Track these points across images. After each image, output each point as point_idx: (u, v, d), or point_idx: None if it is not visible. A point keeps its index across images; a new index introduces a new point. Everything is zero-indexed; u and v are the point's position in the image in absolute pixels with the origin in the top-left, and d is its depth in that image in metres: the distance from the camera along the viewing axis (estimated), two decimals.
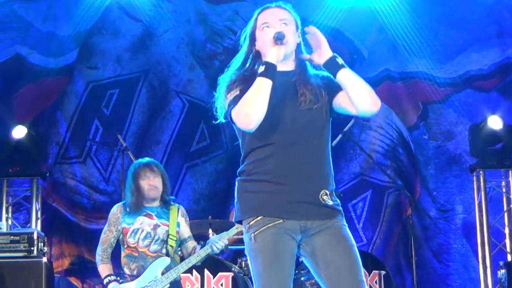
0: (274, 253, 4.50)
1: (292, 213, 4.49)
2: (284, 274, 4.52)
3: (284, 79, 4.63)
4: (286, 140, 4.54)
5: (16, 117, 10.67)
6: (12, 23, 10.97)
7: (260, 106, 4.43)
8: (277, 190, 4.50)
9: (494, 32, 11.00)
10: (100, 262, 6.94)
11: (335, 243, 4.54)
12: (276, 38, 4.49)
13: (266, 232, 4.49)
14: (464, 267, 10.62)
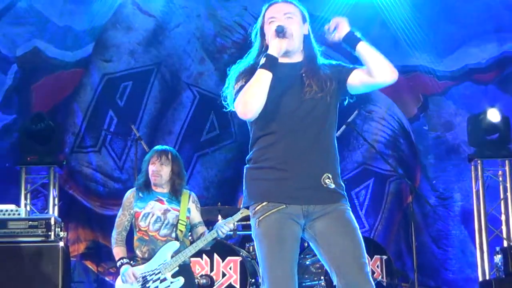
0: (278, 238, 4.52)
1: (294, 198, 4.51)
2: (288, 258, 4.54)
3: (292, 71, 4.66)
4: (288, 128, 4.56)
5: (34, 108, 10.70)
6: (30, 18, 10.99)
7: (258, 96, 4.47)
8: (281, 176, 4.52)
9: (492, 28, 11.00)
10: (115, 244, 6.97)
11: (339, 227, 4.55)
12: (277, 31, 4.50)
13: (271, 217, 4.51)
14: (462, 252, 10.63)
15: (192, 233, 7.03)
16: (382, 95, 11.00)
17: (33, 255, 8.69)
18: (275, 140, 4.57)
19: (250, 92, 4.48)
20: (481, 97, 10.76)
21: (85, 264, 10.59)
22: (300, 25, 4.73)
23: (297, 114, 4.58)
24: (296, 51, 4.71)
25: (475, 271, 10.24)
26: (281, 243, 4.53)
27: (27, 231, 8.80)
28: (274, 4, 4.79)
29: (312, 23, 4.89)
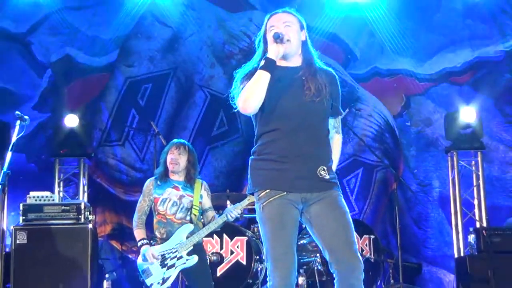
0: (280, 220, 4.56)
1: (294, 187, 4.54)
2: (288, 238, 4.57)
3: (292, 74, 4.67)
4: (289, 127, 4.58)
5: (66, 107, 10.69)
6: (63, 29, 10.99)
7: (257, 94, 4.50)
8: (282, 168, 4.55)
9: (466, 36, 10.97)
10: (136, 227, 6.98)
11: (331, 210, 4.58)
12: (274, 37, 4.53)
13: (273, 203, 4.54)
14: (440, 232, 10.62)
15: (203, 217, 7.03)
16: (370, 95, 11.00)
17: (65, 235, 8.71)
18: (278, 136, 4.59)
19: (249, 90, 4.52)
20: (456, 97, 10.74)
21: (111, 243, 10.60)
22: (297, 32, 4.75)
23: (297, 114, 4.59)
24: (295, 55, 4.73)
25: (451, 248, 10.23)
26: (282, 225, 4.57)
27: (60, 215, 8.81)
28: (275, 14, 4.81)
29: (308, 32, 4.87)
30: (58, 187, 10.24)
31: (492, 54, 10.99)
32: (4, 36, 10.92)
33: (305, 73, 4.69)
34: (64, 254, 8.63)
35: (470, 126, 10.15)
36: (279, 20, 4.75)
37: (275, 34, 4.55)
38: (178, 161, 6.94)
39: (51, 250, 8.64)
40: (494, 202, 10.54)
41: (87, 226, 8.78)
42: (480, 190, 10.31)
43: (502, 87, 10.94)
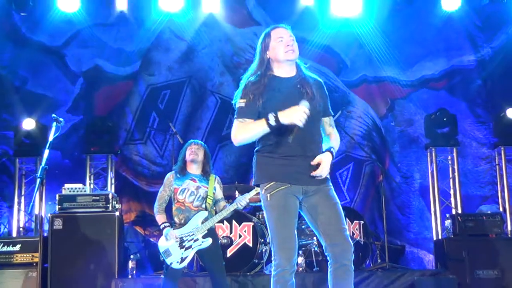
0: (284, 208, 4.61)
1: (297, 180, 4.59)
2: (290, 223, 4.62)
3: (288, 83, 4.69)
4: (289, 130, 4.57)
5: (96, 111, 10.71)
6: (92, 42, 10.99)
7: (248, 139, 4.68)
8: (285, 163, 4.61)
9: (442, 47, 10.96)
10: (157, 213, 6.98)
11: (325, 201, 4.66)
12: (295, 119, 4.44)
13: (279, 193, 4.59)
14: (420, 218, 10.61)
15: (215, 205, 7.04)
16: (359, 99, 11.00)
17: (95, 222, 8.75)
18: (280, 138, 4.62)
19: (245, 134, 4.67)
20: (434, 100, 10.75)
21: (135, 229, 10.60)
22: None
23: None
24: (292, 66, 4.75)
25: (431, 232, 10.24)
26: (286, 212, 4.62)
27: (91, 204, 8.84)
28: (280, 28, 4.80)
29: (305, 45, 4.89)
30: (89, 180, 10.25)
31: (465, 63, 10.99)
32: (42, 49, 10.93)
33: (300, 82, 4.71)
34: (94, 238, 8.65)
35: (446, 126, 10.17)
36: (286, 33, 4.76)
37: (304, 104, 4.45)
38: (197, 152, 7.00)
39: (83, 235, 8.66)
40: (467, 192, 10.55)
41: (114, 213, 8.81)
42: (456, 181, 10.32)
43: (474, 92, 10.95)
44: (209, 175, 7.05)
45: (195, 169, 7.03)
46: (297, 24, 10.48)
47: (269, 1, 10.98)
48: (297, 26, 10.53)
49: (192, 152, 6.98)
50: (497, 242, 8.80)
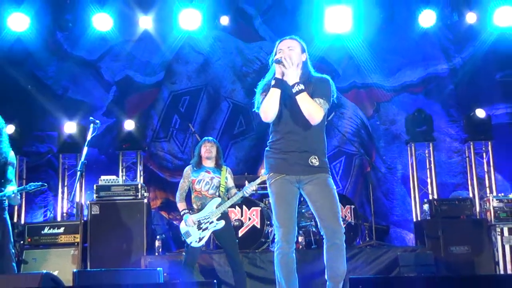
0: (281, 194, 4.72)
1: (291, 171, 4.68)
2: (286, 207, 4.75)
3: (290, 88, 4.68)
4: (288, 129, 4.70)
5: (127, 114, 10.73)
6: (123, 56, 11.03)
7: (272, 107, 4.64)
8: (283, 157, 4.71)
9: (420, 58, 10.95)
10: (179, 201, 7.02)
11: (320, 189, 4.71)
12: (275, 62, 4.66)
13: (276, 182, 4.71)
14: (402, 202, 10.61)
15: (228, 193, 7.06)
16: (350, 102, 10.99)
17: (127, 208, 8.79)
18: (281, 136, 4.73)
19: (266, 105, 4.65)
20: (413, 103, 10.75)
21: (160, 213, 10.64)
22: (298, 54, 4.80)
23: (294, 120, 4.70)
24: (297, 71, 4.75)
25: (411, 214, 10.22)
26: (283, 197, 4.72)
27: (123, 193, 8.87)
28: (283, 40, 4.86)
29: None
30: (121, 172, 10.29)
31: (439, 71, 10.97)
32: (81, 62, 10.97)
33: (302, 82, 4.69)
34: (126, 221, 8.69)
35: (424, 124, 10.17)
36: (285, 45, 4.80)
37: (275, 59, 4.67)
38: (211, 149, 7.04)
39: (116, 219, 8.70)
40: (442, 180, 10.53)
41: (143, 201, 8.85)
42: (432, 171, 10.31)
43: (447, 95, 10.93)
44: (221, 167, 7.09)
45: (209, 162, 7.07)
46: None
47: (272, 20, 10.98)
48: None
49: (206, 150, 7.03)
50: (467, 222, 8.82)
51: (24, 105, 10.63)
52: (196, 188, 6.97)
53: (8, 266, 6.28)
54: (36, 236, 8.73)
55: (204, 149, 7.06)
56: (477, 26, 10.07)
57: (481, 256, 8.60)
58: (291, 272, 4.67)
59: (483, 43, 10.52)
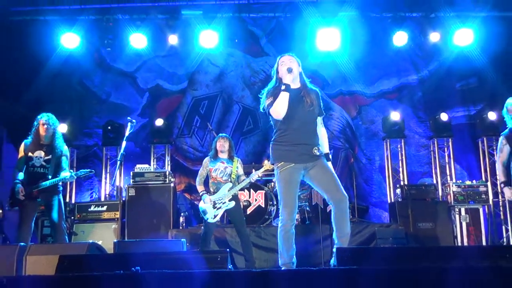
0: (289, 181, 4.73)
1: (298, 160, 4.71)
2: (292, 191, 4.78)
3: (296, 93, 4.80)
4: (295, 125, 4.74)
5: (157, 115, 10.75)
6: (154, 68, 11.04)
7: (283, 107, 4.66)
8: (291, 149, 4.73)
9: (394, 70, 10.92)
10: (198, 185, 7.04)
11: (322, 169, 4.81)
12: (288, 70, 4.70)
13: (286, 170, 4.71)
14: (379, 187, 10.59)
15: (238, 179, 7.07)
16: (337, 106, 10.95)
17: (157, 190, 8.82)
18: (289, 131, 4.76)
19: (279, 106, 4.67)
20: (389, 107, 10.72)
21: (184, 195, 10.65)
22: (297, 67, 4.88)
23: (300, 117, 4.75)
24: (296, 81, 4.83)
25: (386, 197, 10.23)
26: (290, 183, 4.73)
27: (154, 178, 8.90)
28: (284, 56, 4.92)
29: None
30: (153, 162, 10.30)
31: (410, 81, 10.94)
32: (121, 73, 10.99)
33: (303, 92, 4.82)
34: (156, 201, 8.72)
35: (397, 124, 10.15)
36: (287, 58, 4.87)
37: (288, 68, 4.72)
38: (225, 144, 7.05)
39: (148, 199, 8.73)
40: (411, 169, 10.51)
41: (170, 185, 8.87)
42: (403, 162, 10.29)
43: (416, 101, 10.89)
44: (233, 158, 7.10)
45: (223, 155, 7.08)
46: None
47: (275, 40, 10.95)
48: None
49: (221, 145, 7.05)
50: (431, 204, 8.81)
51: (76, 108, 10.69)
52: (212, 175, 6.98)
53: (61, 237, 6.35)
54: (84, 213, 8.77)
55: (219, 144, 7.08)
56: (441, 45, 10.03)
57: (442, 231, 8.59)
58: (291, 244, 4.72)
59: (445, 59, 10.51)
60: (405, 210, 8.57)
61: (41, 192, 6.29)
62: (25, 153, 6.36)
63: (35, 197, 6.28)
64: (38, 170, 6.34)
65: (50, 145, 6.42)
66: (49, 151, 6.39)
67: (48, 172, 6.32)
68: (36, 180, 6.29)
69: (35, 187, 6.26)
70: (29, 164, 6.34)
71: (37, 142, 6.39)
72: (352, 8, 9.53)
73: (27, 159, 6.34)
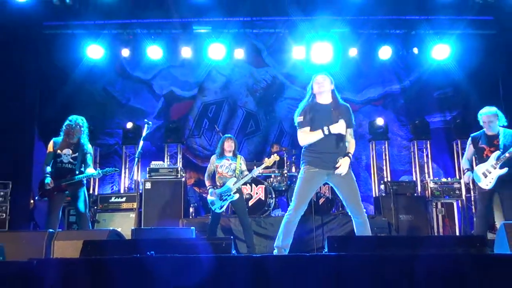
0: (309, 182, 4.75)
1: (323, 166, 4.70)
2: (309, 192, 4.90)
3: (326, 108, 4.78)
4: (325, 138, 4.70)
5: (171, 118, 10.75)
6: (169, 76, 11.04)
7: (311, 140, 4.70)
8: (317, 156, 4.72)
9: (380, 80, 10.92)
10: (206, 180, 7.04)
11: (344, 182, 4.76)
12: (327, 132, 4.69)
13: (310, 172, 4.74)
14: (365, 183, 10.57)
15: (241, 174, 7.06)
16: None
17: (170, 184, 8.81)
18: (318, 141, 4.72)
19: (309, 138, 4.70)
20: (374, 113, 10.73)
21: (194, 188, 10.65)
22: (329, 84, 4.88)
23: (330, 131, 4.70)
24: (328, 96, 4.84)
25: (372, 192, 10.22)
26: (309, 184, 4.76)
27: (168, 173, 8.90)
28: (318, 75, 4.93)
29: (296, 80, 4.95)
30: (166, 159, 10.28)
31: (394, 90, 10.93)
32: (139, 81, 10.99)
33: (333, 107, 4.80)
34: (169, 193, 8.73)
35: (381, 128, 10.14)
36: (321, 78, 4.88)
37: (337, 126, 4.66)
38: (232, 145, 7.03)
39: (163, 192, 8.72)
40: (394, 167, 10.49)
41: (181, 179, 8.86)
42: (386, 161, 10.28)
43: (399, 107, 10.88)
44: (237, 156, 7.09)
45: (228, 153, 7.06)
46: (291, 68, 10.51)
47: (274, 53, 10.92)
48: (291, 70, 10.57)
49: (228, 145, 7.05)
50: (411, 198, 8.80)
51: (99, 111, 10.68)
52: (219, 171, 6.97)
53: (86, 224, 6.37)
54: (105, 203, 8.78)
55: (227, 144, 7.07)
56: (421, 58, 10.01)
57: (421, 222, 8.58)
58: (289, 233, 4.72)
59: (425, 71, 10.50)
60: (388, 203, 8.57)
61: (69, 185, 6.32)
62: (54, 150, 6.38)
63: (63, 189, 6.31)
64: (65, 166, 6.37)
65: (77, 144, 6.45)
66: (76, 149, 6.42)
67: (75, 168, 6.38)
68: (63, 174, 6.31)
69: (64, 180, 6.28)
70: (57, 160, 6.36)
71: (66, 141, 6.43)
72: (343, 25, 9.52)
73: (56, 155, 6.37)
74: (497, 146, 5.88)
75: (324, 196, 8.38)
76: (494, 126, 5.98)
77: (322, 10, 9.08)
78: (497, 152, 5.84)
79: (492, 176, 5.81)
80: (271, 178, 8.77)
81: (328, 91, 4.85)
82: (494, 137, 5.96)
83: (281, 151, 9.14)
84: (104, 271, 3.04)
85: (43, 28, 9.41)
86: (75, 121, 6.44)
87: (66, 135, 6.42)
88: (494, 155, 5.84)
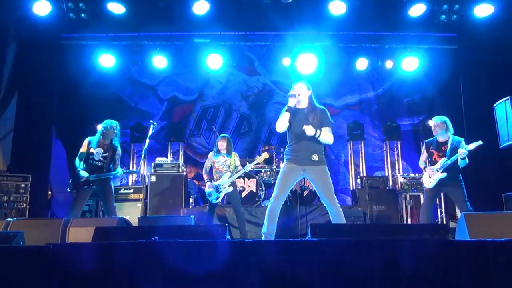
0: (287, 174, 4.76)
1: (299, 163, 4.72)
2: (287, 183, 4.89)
3: (301, 112, 4.81)
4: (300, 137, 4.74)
5: (173, 119, 10.70)
6: (172, 83, 10.99)
7: (282, 124, 4.70)
8: (295, 155, 4.76)
9: (357, 88, 10.95)
10: (204, 174, 7.02)
11: (319, 177, 4.75)
12: (290, 96, 4.75)
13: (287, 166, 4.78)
14: (344, 178, 10.61)
15: (235, 169, 7.04)
16: None
17: (172, 178, 8.78)
18: (294, 142, 4.79)
19: (278, 122, 4.73)
20: (352, 117, 10.75)
21: (193, 181, 10.63)
22: (305, 91, 4.88)
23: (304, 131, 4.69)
24: (304, 102, 4.85)
25: (349, 185, 10.25)
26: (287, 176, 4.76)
27: (170, 168, 8.88)
28: (297, 83, 4.93)
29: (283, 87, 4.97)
30: (169, 155, 10.26)
31: (369, 96, 10.97)
32: (145, 86, 10.94)
33: (308, 111, 4.80)
34: (172, 186, 8.69)
35: (358, 129, 10.17)
36: (297, 86, 4.89)
37: (291, 94, 4.76)
38: (223, 144, 6.99)
39: (166, 185, 8.68)
40: (369, 164, 10.52)
41: (183, 174, 8.83)
42: (362, 158, 10.30)
43: (373, 112, 10.92)
44: (231, 153, 7.06)
45: (223, 151, 7.03)
46: (280, 76, 10.51)
47: (265, 63, 10.93)
48: (280, 77, 10.57)
49: (222, 144, 6.99)
50: (383, 191, 8.85)
51: (110, 112, 10.53)
52: (215, 166, 6.95)
53: (113, 213, 6.45)
54: (115, 194, 8.63)
55: (219, 144, 7.04)
56: (392, 69, 10.03)
57: (392, 212, 8.63)
58: (273, 220, 4.71)
59: (396, 80, 10.56)
60: (364, 195, 8.60)
61: (96, 180, 6.31)
62: (88, 148, 6.34)
63: (92, 184, 6.27)
64: (96, 164, 6.36)
65: (109, 145, 6.45)
66: (108, 149, 6.42)
67: (104, 166, 6.37)
68: (93, 171, 6.32)
69: (95, 176, 6.27)
70: (89, 157, 6.36)
71: (100, 141, 6.42)
72: (326, 39, 9.54)
73: (89, 153, 6.33)
74: (445, 152, 5.94)
75: (307, 189, 8.38)
76: (442, 132, 6.03)
77: (308, 26, 9.10)
78: (444, 159, 5.91)
79: (433, 178, 5.92)
80: (262, 173, 8.77)
81: (305, 97, 4.85)
82: (443, 144, 6.03)
83: (270, 149, 9.14)
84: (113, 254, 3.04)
85: (61, 39, 9.34)
86: (110, 125, 6.44)
87: (102, 136, 6.38)
88: (441, 160, 5.91)
